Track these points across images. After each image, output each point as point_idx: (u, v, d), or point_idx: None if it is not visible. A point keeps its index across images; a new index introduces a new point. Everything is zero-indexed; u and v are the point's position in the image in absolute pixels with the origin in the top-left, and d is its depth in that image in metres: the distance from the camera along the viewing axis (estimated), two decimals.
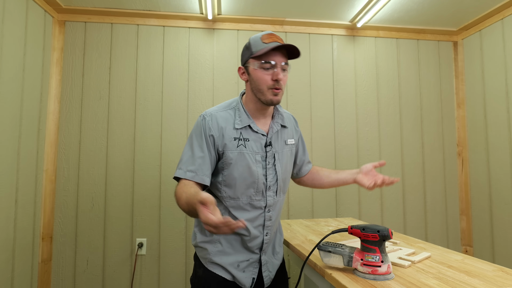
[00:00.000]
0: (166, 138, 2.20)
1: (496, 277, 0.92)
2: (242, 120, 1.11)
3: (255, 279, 1.16)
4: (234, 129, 1.10)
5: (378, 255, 0.88)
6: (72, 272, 2.08)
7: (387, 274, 0.89)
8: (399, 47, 2.47)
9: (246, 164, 1.09)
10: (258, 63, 1.05)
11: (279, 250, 1.26)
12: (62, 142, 2.12)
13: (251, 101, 1.12)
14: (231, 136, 1.09)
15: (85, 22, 2.17)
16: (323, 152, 2.32)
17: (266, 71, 1.05)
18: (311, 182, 1.37)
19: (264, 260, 1.18)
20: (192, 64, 2.26)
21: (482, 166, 2.29)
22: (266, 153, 1.13)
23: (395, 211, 2.37)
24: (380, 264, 0.88)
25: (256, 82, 1.06)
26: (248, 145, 1.10)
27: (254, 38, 1.07)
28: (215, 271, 1.13)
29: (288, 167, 1.21)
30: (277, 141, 1.16)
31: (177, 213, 2.17)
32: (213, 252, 1.14)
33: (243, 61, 1.11)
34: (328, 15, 2.24)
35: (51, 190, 2.07)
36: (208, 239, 1.15)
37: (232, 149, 1.08)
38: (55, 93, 2.10)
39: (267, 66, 1.04)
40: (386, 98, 2.43)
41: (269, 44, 1.03)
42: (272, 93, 1.06)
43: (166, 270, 2.14)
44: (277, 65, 1.04)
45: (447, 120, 2.47)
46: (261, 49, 1.03)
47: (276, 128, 1.15)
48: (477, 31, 2.34)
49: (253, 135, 1.11)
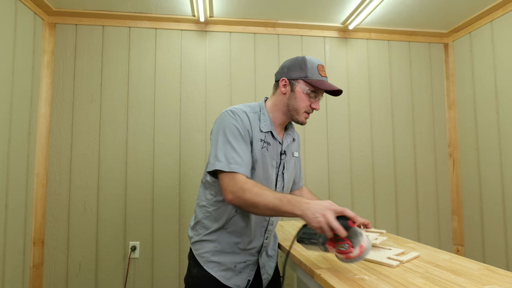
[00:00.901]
0: (159, 141, 2.20)
1: (482, 275, 0.93)
2: (266, 125, 1.15)
3: (250, 281, 1.18)
4: (260, 131, 1.14)
5: (347, 243, 0.90)
6: (65, 276, 2.06)
7: (362, 253, 0.91)
8: (391, 49, 2.49)
9: (265, 166, 1.14)
10: (309, 89, 1.12)
11: (273, 254, 1.30)
12: (54, 145, 2.10)
13: (279, 111, 1.17)
14: (258, 137, 1.13)
15: (76, 25, 2.16)
16: (316, 154, 2.33)
17: (309, 98, 1.13)
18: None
19: (262, 263, 1.22)
20: (184, 66, 2.26)
21: (472, 167, 2.32)
22: (281, 161, 1.19)
23: (388, 212, 2.38)
24: (351, 250, 0.90)
25: (297, 103, 1.13)
26: (269, 149, 1.15)
27: (311, 63, 1.13)
28: (210, 271, 1.15)
29: (291, 177, 1.28)
30: (288, 152, 1.24)
31: (171, 216, 2.17)
32: (212, 251, 1.15)
33: (291, 77, 1.14)
34: (320, 17, 2.25)
35: (42, 194, 2.05)
36: (208, 238, 1.16)
37: (257, 149, 1.12)
38: (46, 96, 2.09)
39: (313, 95, 1.13)
40: (378, 100, 2.45)
41: (323, 78, 1.12)
42: (305, 117, 1.15)
43: (159, 273, 2.13)
44: (319, 97, 1.15)
45: (439, 121, 2.50)
46: (317, 80, 1.11)
47: (289, 139, 1.24)
48: (467, 33, 2.37)
49: (273, 141, 1.17)
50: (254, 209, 0.98)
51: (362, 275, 0.95)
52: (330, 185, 2.33)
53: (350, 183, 2.36)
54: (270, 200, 0.94)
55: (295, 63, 1.15)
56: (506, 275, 0.94)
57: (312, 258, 1.14)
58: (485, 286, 0.85)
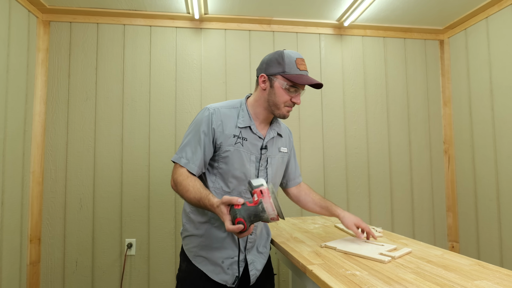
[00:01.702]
0: (154, 139, 2.20)
1: (472, 271, 0.94)
2: (245, 121, 1.17)
3: (238, 277, 1.18)
4: (235, 127, 1.16)
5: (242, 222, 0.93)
6: (61, 273, 2.07)
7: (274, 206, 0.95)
8: (386, 46, 2.49)
9: (241, 161, 1.15)
10: (287, 84, 1.12)
11: (264, 251, 1.29)
12: (49, 143, 2.10)
13: (260, 107, 1.19)
14: (231, 133, 1.15)
15: (70, 22, 2.16)
16: (311, 151, 2.34)
17: (289, 92, 1.13)
18: (297, 199, 1.42)
19: (250, 259, 1.22)
20: (179, 64, 2.26)
21: (467, 164, 2.33)
22: (261, 155, 1.19)
23: (383, 208, 2.39)
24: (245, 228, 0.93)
25: (277, 98, 1.14)
26: (245, 144, 1.16)
27: (288, 58, 1.13)
28: (198, 265, 1.17)
29: (278, 172, 1.28)
30: (272, 147, 1.24)
31: (166, 213, 2.17)
32: (200, 246, 1.18)
33: (270, 72, 1.15)
34: (315, 14, 2.25)
35: (38, 192, 2.05)
36: (195, 233, 1.19)
37: (229, 145, 1.14)
38: (41, 94, 2.08)
39: (293, 89, 1.13)
40: (373, 97, 2.45)
41: (302, 72, 1.12)
42: (287, 110, 1.16)
43: (155, 270, 2.14)
44: (299, 91, 1.16)
45: (434, 118, 2.51)
46: (295, 74, 1.11)
47: (272, 134, 1.23)
48: (463, 29, 2.37)
49: (252, 136, 1.18)
50: (184, 198, 1.10)
51: (353, 271, 0.95)
52: (325, 182, 2.34)
53: (345, 180, 2.36)
54: (194, 196, 1.05)
55: (273, 58, 1.15)
56: (496, 270, 0.95)
57: (305, 254, 1.14)
58: (475, 281, 0.86)
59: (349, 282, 0.87)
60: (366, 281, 0.87)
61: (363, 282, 0.86)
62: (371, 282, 0.87)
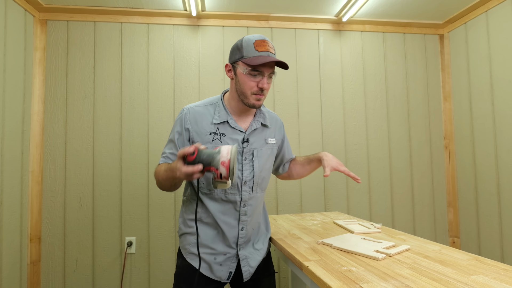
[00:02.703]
0: (153, 137, 2.19)
1: (469, 265, 0.93)
2: (221, 116, 1.15)
3: (232, 273, 1.18)
4: (211, 124, 1.14)
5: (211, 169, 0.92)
6: (62, 272, 2.08)
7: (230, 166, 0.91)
8: (386, 41, 2.48)
9: None
10: (247, 69, 1.07)
11: (261, 247, 1.27)
12: (48, 142, 2.10)
13: (233, 99, 1.16)
14: (207, 130, 1.14)
15: (67, 21, 2.15)
16: (310, 147, 2.33)
17: (253, 78, 1.08)
18: (290, 174, 1.42)
19: (243, 255, 1.20)
20: (177, 61, 2.25)
21: (468, 159, 2.31)
22: (243, 149, 1.16)
23: (384, 204, 2.38)
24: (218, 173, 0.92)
25: (242, 85, 1.10)
26: (224, 140, 1.14)
27: (247, 41, 1.08)
28: (192, 262, 1.18)
29: (267, 165, 1.24)
30: (257, 139, 1.20)
31: (166, 212, 2.17)
32: (192, 243, 1.18)
33: (232, 60, 1.13)
34: (314, 9, 2.23)
35: (38, 191, 2.06)
36: (188, 230, 1.20)
37: (206, 143, 1.13)
38: (39, 93, 2.08)
39: (255, 73, 1.07)
40: (373, 93, 2.43)
41: (261, 53, 1.06)
42: (255, 98, 1.10)
43: (156, 268, 2.15)
44: (264, 74, 1.08)
45: (434, 113, 2.49)
46: (252, 57, 1.06)
47: (255, 125, 1.19)
48: (462, 23, 2.35)
49: (231, 130, 1.16)
50: (161, 185, 1.11)
51: (349, 267, 0.95)
52: (325, 178, 2.33)
53: (345, 176, 2.35)
54: (161, 174, 1.07)
55: (234, 45, 1.12)
56: (493, 265, 0.94)
57: (302, 250, 1.14)
58: (472, 276, 0.85)
59: (345, 278, 0.86)
60: (361, 277, 0.87)
61: (359, 278, 0.86)
62: (366, 278, 0.86)
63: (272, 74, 1.11)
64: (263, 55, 1.06)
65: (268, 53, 1.07)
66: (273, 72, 1.10)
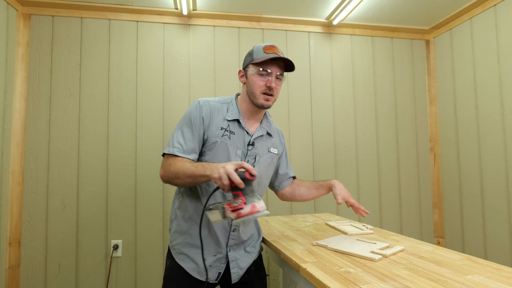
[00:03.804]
0: (141, 137, 2.14)
1: (463, 265, 0.95)
2: (233, 114, 1.19)
3: (221, 273, 1.18)
4: (224, 120, 1.17)
5: (241, 198, 0.92)
6: (43, 277, 1.99)
7: (254, 213, 0.92)
8: (374, 45, 2.52)
9: (226, 154, 1.15)
10: (256, 70, 1.15)
11: (252, 250, 1.27)
12: (30, 142, 2.02)
13: (244, 101, 1.21)
14: (219, 126, 1.16)
15: (52, 16, 2.08)
16: (301, 149, 2.33)
17: (262, 78, 1.15)
18: (292, 195, 1.40)
19: (233, 257, 1.20)
20: (167, 60, 2.21)
21: (453, 161, 2.37)
22: (247, 151, 1.18)
23: (372, 205, 2.41)
24: (242, 206, 0.92)
25: (252, 86, 1.16)
26: (233, 138, 1.17)
27: (257, 47, 1.17)
28: (181, 263, 1.17)
29: (267, 172, 1.27)
30: (261, 145, 1.23)
31: (154, 213, 2.13)
32: (182, 243, 1.18)
33: (244, 66, 1.21)
34: (305, 12, 2.25)
35: (18, 192, 1.97)
36: (180, 230, 1.19)
37: (216, 137, 1.15)
38: (21, 90, 2.00)
39: (264, 73, 1.14)
40: (362, 95, 2.47)
41: (268, 55, 1.13)
42: (264, 98, 1.15)
43: (143, 272, 2.09)
44: (272, 74, 1.14)
45: (420, 116, 2.55)
46: (261, 57, 1.13)
47: (261, 132, 1.23)
48: (448, 30, 2.41)
49: (240, 130, 1.19)
50: (177, 180, 1.07)
51: (347, 268, 0.95)
52: (314, 179, 2.34)
53: (334, 178, 2.37)
54: (188, 167, 1.04)
55: (247, 53, 1.21)
56: (486, 264, 0.96)
57: (298, 252, 1.13)
58: (467, 275, 0.87)
59: (344, 280, 0.86)
60: (360, 278, 0.86)
61: (358, 279, 0.86)
62: (365, 279, 0.86)
63: (281, 76, 1.17)
64: (271, 56, 1.13)
65: (275, 55, 1.14)
66: (281, 74, 1.17)
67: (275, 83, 1.14)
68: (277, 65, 1.15)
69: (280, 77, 1.17)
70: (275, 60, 1.14)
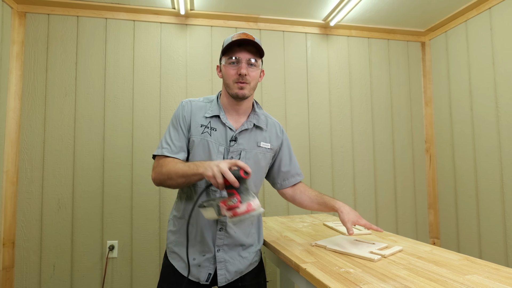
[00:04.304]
0: (138, 137, 2.13)
1: (462, 265, 0.96)
2: (213, 110, 1.17)
3: (211, 274, 1.14)
4: (204, 117, 1.16)
5: (236, 197, 0.92)
6: (37, 279, 1.97)
7: (250, 212, 0.91)
8: (371, 46, 2.53)
9: (207, 151, 1.13)
10: (226, 59, 1.12)
11: (247, 256, 1.19)
12: (24, 141, 1.99)
13: (224, 96, 1.19)
14: (199, 123, 1.16)
15: (48, 14, 2.05)
16: (297, 149, 2.34)
17: (232, 66, 1.11)
18: (292, 198, 1.32)
19: (221, 258, 1.15)
20: (164, 60, 2.20)
21: (448, 162, 2.40)
22: (230, 147, 1.15)
23: (368, 206, 2.42)
24: (238, 205, 0.91)
25: (225, 77, 1.14)
26: (214, 134, 1.15)
27: (228, 38, 1.14)
28: (172, 261, 1.18)
29: (256, 169, 1.18)
30: (247, 140, 1.17)
31: (150, 214, 2.11)
32: (174, 242, 1.18)
33: (219, 60, 1.18)
34: (302, 13, 2.25)
35: (12, 192, 1.94)
36: (173, 229, 1.20)
37: (196, 134, 1.15)
38: (16, 89, 1.97)
39: (233, 61, 1.11)
40: (358, 96, 2.48)
41: (234, 40, 1.09)
42: (238, 87, 1.11)
43: (139, 272, 2.07)
44: (241, 60, 1.10)
45: (416, 118, 2.57)
46: (228, 44, 1.10)
47: (247, 126, 1.18)
48: (443, 32, 2.44)
49: (221, 126, 1.16)
50: (169, 181, 1.06)
51: (347, 268, 0.95)
52: (312, 180, 2.35)
53: (331, 179, 2.38)
54: (180, 167, 1.04)
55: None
56: (485, 264, 0.97)
57: (297, 252, 1.13)
58: (466, 275, 0.87)
59: (344, 280, 0.86)
60: (361, 279, 0.87)
61: (358, 280, 0.86)
62: (366, 279, 0.86)
63: (255, 62, 1.11)
64: (236, 40, 1.09)
65: (243, 40, 1.09)
66: (253, 59, 1.11)
67: (247, 70, 1.09)
68: (247, 50, 1.09)
69: (253, 63, 1.11)
70: (244, 46, 1.09)
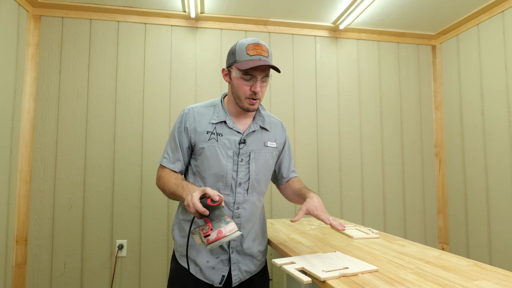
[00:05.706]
0: (148, 138, 2.16)
1: (471, 271, 0.95)
2: (219, 116, 1.17)
3: (225, 276, 1.16)
4: (209, 123, 1.16)
5: (209, 225, 0.93)
6: (49, 276, 2.00)
7: (221, 239, 0.92)
8: (380, 49, 2.52)
9: (216, 157, 1.13)
10: (240, 73, 1.08)
11: (256, 254, 1.22)
12: (38, 141, 2.04)
13: (231, 102, 1.18)
14: (205, 130, 1.15)
15: (62, 18, 2.10)
16: (306, 152, 2.34)
17: (246, 82, 1.09)
18: (285, 194, 1.35)
19: (235, 259, 1.18)
20: (174, 63, 2.23)
21: (458, 167, 2.37)
22: (239, 150, 1.16)
23: (376, 210, 2.41)
24: (209, 232, 0.92)
25: (236, 90, 1.12)
26: (221, 140, 1.15)
27: (240, 46, 1.09)
28: (185, 265, 1.17)
29: (266, 168, 1.21)
30: (255, 141, 1.19)
31: (159, 214, 2.14)
32: (184, 246, 1.17)
33: (227, 65, 1.15)
34: (312, 16, 2.26)
35: (25, 191, 1.99)
36: (182, 234, 1.19)
37: (203, 142, 1.15)
38: (30, 90, 2.02)
39: (248, 77, 1.09)
40: (367, 100, 2.47)
41: (252, 57, 1.06)
42: (249, 103, 1.11)
43: (147, 272, 2.10)
44: (257, 78, 1.09)
45: (426, 122, 2.54)
46: (244, 61, 1.06)
47: (254, 128, 1.19)
48: (454, 35, 2.42)
49: (228, 131, 1.16)
50: (164, 193, 1.14)
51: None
52: (319, 183, 2.34)
53: (339, 182, 2.37)
54: (171, 185, 1.09)
55: (229, 50, 1.14)
56: (494, 271, 0.96)
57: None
58: (475, 281, 0.87)
59: (352, 283, 0.86)
60: (368, 282, 0.87)
61: (366, 283, 0.86)
62: (373, 282, 0.86)
63: (266, 78, 1.11)
64: (254, 59, 1.06)
65: (260, 56, 1.07)
66: (267, 75, 1.11)
67: (260, 87, 1.09)
68: (262, 67, 1.07)
69: (265, 79, 1.11)
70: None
